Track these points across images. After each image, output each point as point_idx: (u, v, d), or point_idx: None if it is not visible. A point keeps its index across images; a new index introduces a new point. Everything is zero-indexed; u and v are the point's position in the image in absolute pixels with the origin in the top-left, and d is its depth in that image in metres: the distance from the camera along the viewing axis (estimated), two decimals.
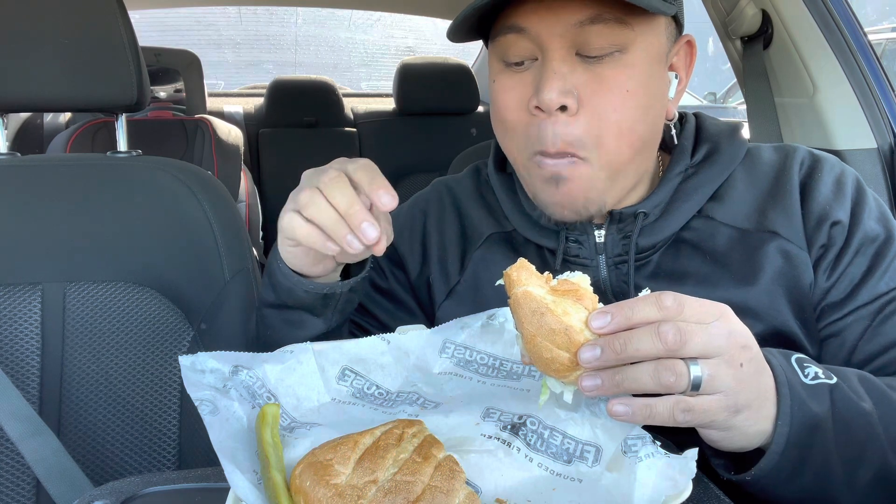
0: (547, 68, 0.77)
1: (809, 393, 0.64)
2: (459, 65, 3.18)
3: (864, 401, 0.67)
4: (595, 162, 0.79)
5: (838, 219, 0.82)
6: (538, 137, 0.79)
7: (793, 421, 0.63)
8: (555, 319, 0.60)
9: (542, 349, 0.61)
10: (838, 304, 0.81)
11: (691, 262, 0.84)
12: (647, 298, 0.60)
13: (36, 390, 1.16)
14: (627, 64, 0.78)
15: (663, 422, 0.59)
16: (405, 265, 0.98)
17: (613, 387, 0.60)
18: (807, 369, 0.66)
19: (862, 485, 0.66)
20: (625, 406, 0.60)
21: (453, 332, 0.80)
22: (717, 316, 0.60)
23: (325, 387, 0.75)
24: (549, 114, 0.77)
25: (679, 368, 0.58)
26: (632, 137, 0.80)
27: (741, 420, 0.61)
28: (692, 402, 0.59)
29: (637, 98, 0.79)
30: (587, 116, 0.78)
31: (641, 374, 0.59)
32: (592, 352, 0.59)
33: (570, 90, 0.77)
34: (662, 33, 0.82)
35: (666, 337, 0.57)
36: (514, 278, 0.63)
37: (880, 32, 6.82)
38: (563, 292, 0.62)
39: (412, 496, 0.55)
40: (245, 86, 4.24)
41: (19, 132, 2.88)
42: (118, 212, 1.22)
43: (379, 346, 0.79)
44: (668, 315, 0.58)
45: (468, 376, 0.77)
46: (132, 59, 1.28)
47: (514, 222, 0.92)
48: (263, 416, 0.65)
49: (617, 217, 0.85)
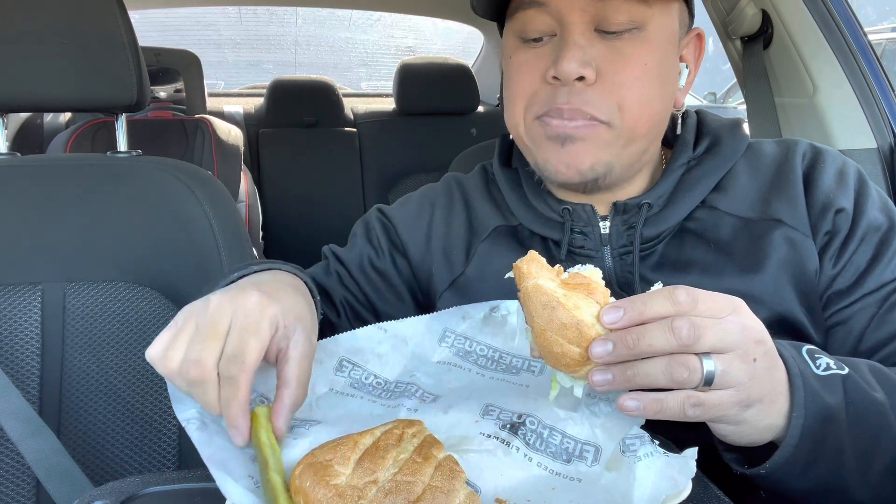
0: (567, 40, 0.79)
1: (822, 384, 0.64)
2: (459, 65, 3.18)
3: (877, 391, 0.66)
4: (617, 126, 0.80)
5: (842, 206, 0.82)
6: (550, 98, 0.80)
7: (807, 413, 0.62)
8: (566, 314, 0.59)
9: (552, 344, 0.60)
10: (844, 292, 0.82)
11: (696, 251, 0.85)
12: (659, 293, 0.59)
13: (36, 390, 1.16)
14: (645, 40, 0.79)
15: (673, 417, 0.59)
16: (407, 252, 0.98)
17: (625, 382, 0.59)
18: (818, 360, 0.66)
19: (875, 476, 0.66)
20: (636, 401, 0.60)
21: (454, 321, 0.80)
22: (730, 310, 0.59)
23: (322, 378, 0.75)
24: (567, 83, 0.79)
25: (692, 363, 0.57)
26: (651, 110, 0.81)
27: (752, 414, 0.61)
28: (703, 397, 0.58)
29: (655, 73, 0.80)
30: (606, 87, 0.79)
31: (654, 370, 0.58)
32: (604, 347, 0.58)
33: (588, 61, 0.78)
34: (676, 18, 0.83)
35: (680, 332, 0.56)
36: (524, 271, 0.62)
37: (880, 32, 6.82)
38: (575, 286, 0.61)
39: (413, 496, 0.55)
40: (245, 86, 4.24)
41: (19, 132, 2.88)
42: (118, 212, 1.22)
43: (376, 335, 0.79)
44: (682, 310, 0.58)
45: (467, 367, 0.77)
46: (132, 59, 1.28)
47: (519, 216, 0.92)
48: (256, 419, 0.65)
49: (621, 208, 0.86)
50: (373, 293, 0.98)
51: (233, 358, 0.62)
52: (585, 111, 0.79)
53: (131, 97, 1.29)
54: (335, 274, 0.99)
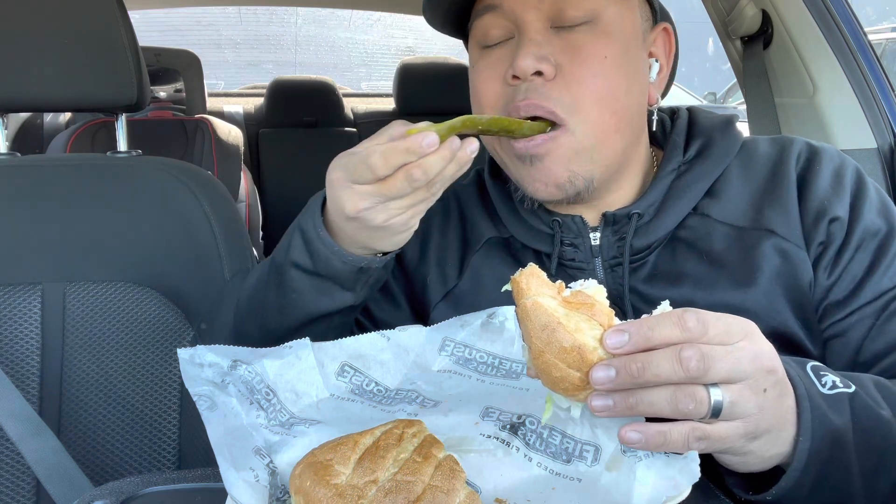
0: (522, 38, 0.79)
1: (829, 404, 0.62)
2: (459, 65, 3.17)
3: (883, 408, 0.64)
4: (576, 129, 0.79)
5: (837, 215, 0.80)
6: (510, 99, 0.80)
7: (814, 436, 0.60)
8: (567, 336, 0.56)
9: (550, 367, 0.57)
10: (841, 303, 0.80)
11: (688, 262, 0.83)
12: (668, 317, 0.56)
13: (36, 390, 1.16)
14: (602, 33, 0.79)
15: (676, 450, 0.57)
16: (403, 259, 0.98)
17: (626, 409, 0.57)
18: (823, 378, 0.63)
19: (881, 495, 0.64)
20: (638, 433, 0.57)
21: (453, 330, 0.80)
22: (742, 335, 0.57)
23: (324, 382, 0.75)
24: (525, 80, 0.78)
25: (699, 395, 0.55)
26: (614, 105, 0.79)
27: (758, 445, 0.59)
28: (709, 430, 0.56)
29: (615, 65, 0.79)
30: (565, 82, 0.78)
31: (658, 399, 0.56)
32: (606, 373, 0.56)
33: (545, 56, 0.78)
34: (635, 10, 0.83)
35: (688, 364, 0.54)
36: (522, 287, 0.59)
37: (880, 32, 6.82)
38: (577, 305, 0.58)
39: (413, 496, 0.55)
40: (245, 86, 4.24)
41: (19, 132, 2.88)
42: (118, 212, 1.22)
43: (378, 342, 0.79)
44: (691, 337, 0.55)
45: (467, 374, 0.77)
46: (132, 59, 1.28)
47: (511, 228, 0.91)
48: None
49: (611, 219, 0.85)
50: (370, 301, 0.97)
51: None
52: (543, 105, 0.78)
53: (131, 97, 1.29)
54: None
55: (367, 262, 0.79)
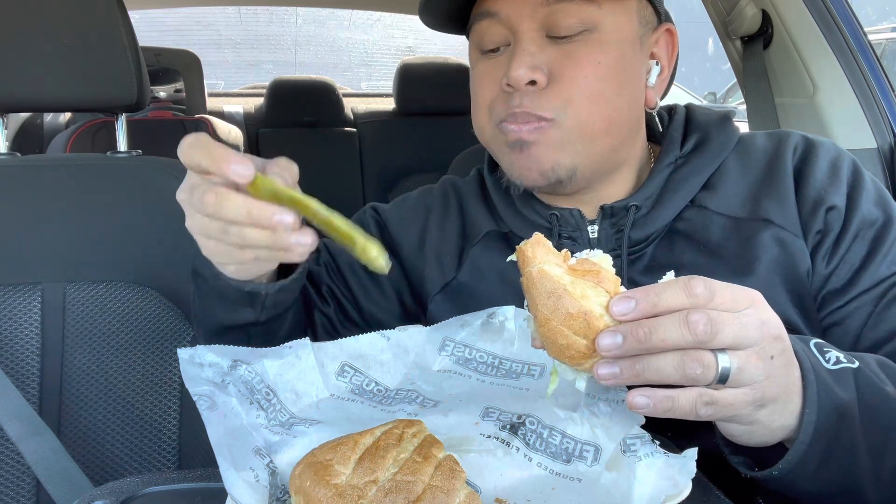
0: (517, 48, 0.80)
1: (834, 378, 0.61)
2: (459, 65, 3.17)
3: (887, 385, 0.64)
4: (564, 123, 0.80)
5: (834, 203, 0.80)
6: (507, 105, 0.81)
7: (820, 409, 0.60)
8: (572, 302, 0.55)
9: (556, 334, 0.56)
10: (839, 292, 0.80)
11: (686, 253, 0.84)
12: (674, 283, 0.56)
13: (36, 390, 1.16)
14: (597, 42, 0.80)
15: (684, 415, 0.57)
16: (399, 252, 0.98)
17: (633, 376, 0.56)
18: (827, 354, 0.63)
19: (887, 474, 0.64)
20: (646, 398, 0.57)
21: (453, 330, 0.80)
22: (748, 303, 0.57)
23: (323, 382, 0.75)
24: (519, 89, 0.80)
25: (707, 360, 0.54)
26: (605, 107, 0.80)
27: (766, 414, 0.59)
28: (716, 395, 0.56)
29: (609, 71, 0.80)
30: (558, 90, 0.80)
31: (665, 365, 0.55)
32: (613, 339, 0.55)
33: (538, 66, 0.79)
34: (633, 16, 0.83)
35: (696, 327, 0.53)
36: (528, 255, 0.58)
37: (880, 32, 6.82)
38: (583, 273, 0.58)
39: (413, 496, 0.55)
40: (245, 86, 4.24)
41: (19, 132, 2.88)
42: (118, 212, 1.22)
43: (379, 342, 0.79)
44: (698, 302, 0.55)
45: (467, 374, 0.77)
46: (132, 60, 1.28)
47: (509, 222, 0.92)
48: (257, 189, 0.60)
49: (609, 211, 0.86)
50: (358, 288, 0.97)
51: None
52: (536, 114, 0.80)
53: (131, 97, 1.29)
54: (324, 265, 0.99)
55: (254, 287, 0.75)
